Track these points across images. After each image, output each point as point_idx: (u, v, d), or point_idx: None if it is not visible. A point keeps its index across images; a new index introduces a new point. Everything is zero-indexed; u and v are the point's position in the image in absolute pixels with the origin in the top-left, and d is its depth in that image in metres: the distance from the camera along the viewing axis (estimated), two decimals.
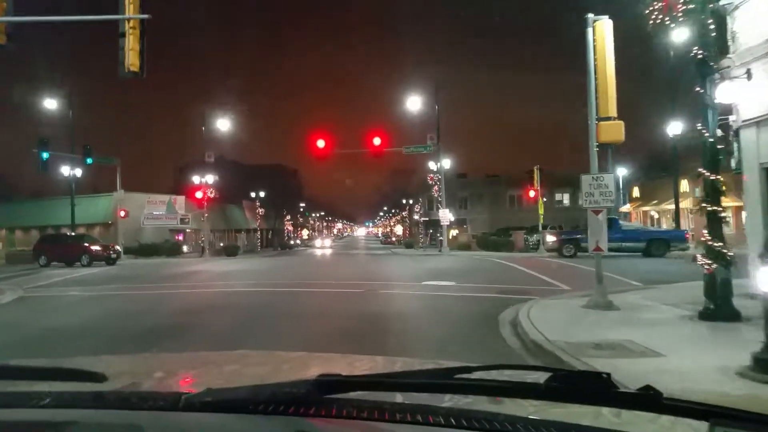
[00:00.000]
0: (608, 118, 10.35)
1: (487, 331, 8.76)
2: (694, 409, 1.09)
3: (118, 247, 31.60)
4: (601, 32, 10.37)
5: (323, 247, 61.66)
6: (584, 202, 10.43)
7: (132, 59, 12.82)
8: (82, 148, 33.83)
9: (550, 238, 29.24)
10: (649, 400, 1.09)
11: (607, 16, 10.47)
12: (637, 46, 10.55)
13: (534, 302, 11.13)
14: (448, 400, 1.29)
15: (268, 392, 1.23)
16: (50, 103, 33.07)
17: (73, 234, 33.36)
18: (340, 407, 1.18)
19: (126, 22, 12.61)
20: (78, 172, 35.51)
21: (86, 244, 30.12)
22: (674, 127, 28.53)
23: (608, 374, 1.16)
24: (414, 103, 35.37)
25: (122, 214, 36.07)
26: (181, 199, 39.69)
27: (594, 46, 10.39)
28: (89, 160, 33.85)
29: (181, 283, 18.29)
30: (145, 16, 12.67)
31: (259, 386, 1.30)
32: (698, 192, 40.42)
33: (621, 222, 27.39)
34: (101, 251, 29.99)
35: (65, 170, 35.04)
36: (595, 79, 10.39)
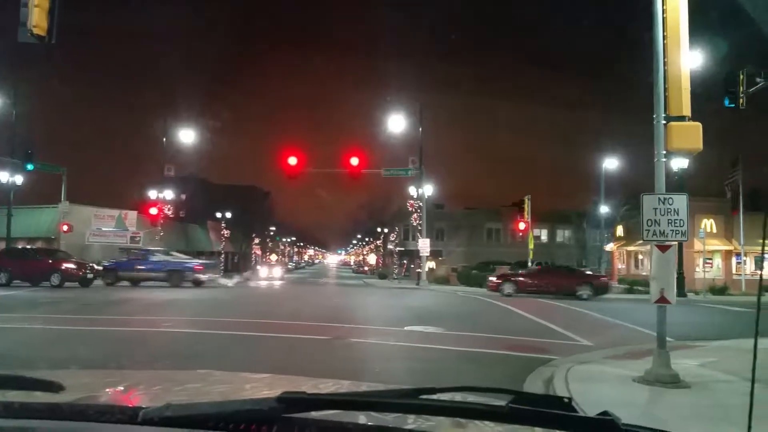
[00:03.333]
0: (681, 118, 7.46)
1: None
2: None
3: (96, 266, 27.46)
4: (675, 1, 7.54)
5: (270, 278, 44.38)
6: (645, 232, 7.42)
7: (37, 19, 9.64)
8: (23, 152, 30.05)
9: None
10: (607, 426, 1.10)
11: None
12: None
13: (564, 368, 8.06)
14: (411, 423, 1.27)
15: (230, 409, 1.20)
16: None
17: (42, 248, 29.11)
18: (303, 427, 1.15)
19: None
20: (18, 179, 31.66)
21: (58, 261, 25.94)
22: (680, 162, 26.11)
23: (570, 398, 1.22)
24: (396, 123, 32.52)
25: (65, 228, 32.15)
26: (132, 215, 35.76)
27: (664, 20, 7.54)
28: (30, 166, 30.03)
29: (98, 315, 14.61)
30: None
31: (221, 403, 1.35)
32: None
33: (153, 254, 28.40)
34: (75, 270, 25.77)
35: (3, 176, 31.18)
36: (664, 64, 7.52)
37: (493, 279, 26.84)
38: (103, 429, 1.19)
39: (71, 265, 25.98)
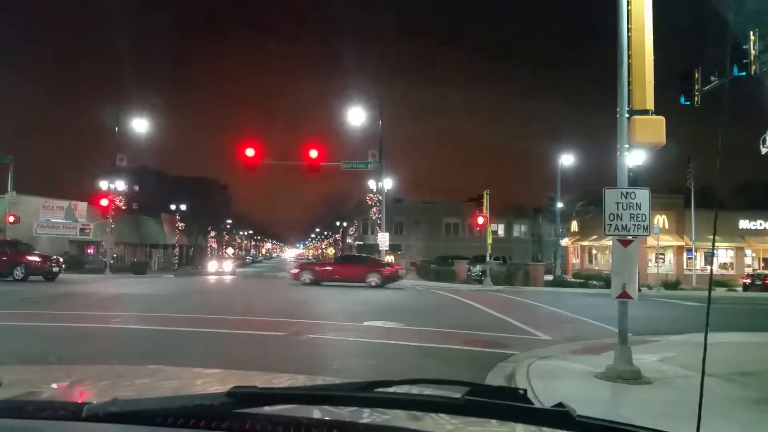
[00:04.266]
0: (645, 112, 7.43)
1: None
2: (605, 428, 1.10)
3: (60, 259, 26.50)
4: None
5: (220, 272, 43.51)
6: (607, 227, 7.36)
7: None
8: None
9: None
10: (562, 417, 1.10)
11: None
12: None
13: (525, 364, 7.99)
14: (367, 416, 1.26)
15: (178, 404, 1.16)
16: None
17: (4, 241, 27.43)
18: (254, 422, 1.11)
19: None
20: None
21: (21, 254, 24.89)
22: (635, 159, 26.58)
23: (524, 390, 1.20)
24: (356, 115, 32.11)
25: (11, 219, 30.70)
26: (82, 206, 34.37)
27: (628, 12, 7.46)
28: None
29: (36, 310, 13.83)
30: None
31: (168, 398, 1.28)
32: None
33: None
34: (40, 263, 24.94)
35: None
36: (629, 57, 7.45)
37: (295, 268, 29.48)
38: (44, 426, 1.14)
39: (36, 258, 25.24)
